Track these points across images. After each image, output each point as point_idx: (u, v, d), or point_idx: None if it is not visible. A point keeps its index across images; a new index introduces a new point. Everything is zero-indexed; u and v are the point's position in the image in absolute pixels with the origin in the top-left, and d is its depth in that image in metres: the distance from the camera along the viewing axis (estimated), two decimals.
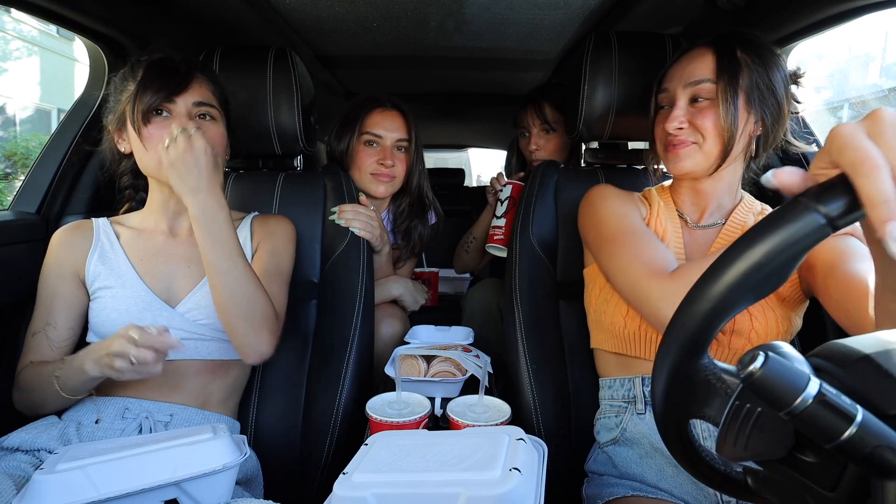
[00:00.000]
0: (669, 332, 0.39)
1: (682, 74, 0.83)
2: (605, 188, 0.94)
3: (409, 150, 1.31)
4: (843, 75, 6.82)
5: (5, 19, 9.02)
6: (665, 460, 0.79)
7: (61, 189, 1.13)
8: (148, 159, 0.83)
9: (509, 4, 1.14)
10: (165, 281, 0.88)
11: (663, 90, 0.87)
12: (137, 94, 0.81)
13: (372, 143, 1.30)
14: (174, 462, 0.66)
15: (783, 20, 1.02)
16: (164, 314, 0.85)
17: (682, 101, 0.82)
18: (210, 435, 0.71)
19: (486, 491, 0.51)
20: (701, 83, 0.80)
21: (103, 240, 0.89)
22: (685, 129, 0.81)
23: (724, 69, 0.78)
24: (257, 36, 1.33)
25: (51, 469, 0.63)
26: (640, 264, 0.78)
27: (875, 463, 0.29)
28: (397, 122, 1.31)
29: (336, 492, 0.55)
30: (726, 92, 0.78)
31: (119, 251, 0.88)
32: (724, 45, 0.81)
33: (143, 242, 0.90)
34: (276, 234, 0.98)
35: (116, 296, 0.85)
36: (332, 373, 0.99)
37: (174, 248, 0.90)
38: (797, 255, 0.34)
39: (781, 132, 0.82)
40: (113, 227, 0.92)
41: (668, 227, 0.88)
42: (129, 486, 0.63)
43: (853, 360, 0.33)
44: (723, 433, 0.36)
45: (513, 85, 1.88)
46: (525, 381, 0.95)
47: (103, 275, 0.86)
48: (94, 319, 0.86)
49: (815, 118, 1.12)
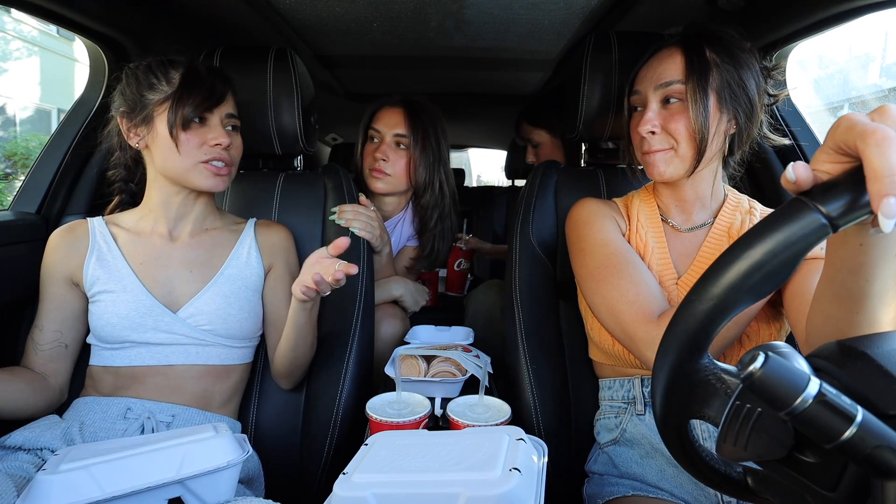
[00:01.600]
0: (669, 332, 0.39)
1: (652, 76, 0.81)
2: (584, 208, 0.90)
3: (409, 146, 1.32)
4: (843, 75, 6.82)
5: (5, 19, 9.01)
6: (665, 460, 0.79)
7: (61, 189, 1.13)
8: (178, 162, 0.84)
9: (509, 4, 1.14)
10: (167, 286, 0.88)
11: (635, 92, 0.85)
12: (177, 101, 0.82)
13: (374, 137, 1.34)
14: (178, 460, 0.66)
15: (783, 20, 1.02)
16: (165, 319, 0.85)
17: (654, 104, 0.81)
18: (212, 433, 0.71)
19: (486, 491, 0.51)
20: (671, 84, 0.79)
21: (100, 242, 0.89)
22: (658, 133, 0.80)
23: (694, 69, 0.77)
24: (257, 36, 1.33)
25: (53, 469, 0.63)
26: (627, 305, 0.76)
27: (875, 463, 0.29)
28: (397, 117, 1.32)
29: (336, 492, 0.55)
30: (696, 93, 0.76)
31: (118, 254, 0.88)
32: (692, 45, 0.79)
33: (142, 246, 0.89)
34: (286, 248, 1.00)
35: (117, 300, 0.84)
36: (332, 373, 0.99)
37: (173, 252, 0.90)
38: (797, 254, 0.34)
39: (756, 129, 0.81)
40: (109, 227, 0.91)
41: (648, 240, 0.86)
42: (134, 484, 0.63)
43: (853, 360, 0.33)
44: (723, 433, 0.36)
45: (513, 85, 1.87)
46: (525, 381, 0.95)
47: (103, 278, 0.86)
48: (95, 323, 0.86)
49: (815, 118, 1.13)
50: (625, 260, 0.81)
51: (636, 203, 0.91)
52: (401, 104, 1.34)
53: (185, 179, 0.86)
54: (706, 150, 0.78)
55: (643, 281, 0.78)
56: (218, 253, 0.93)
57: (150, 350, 0.85)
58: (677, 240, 0.87)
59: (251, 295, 0.92)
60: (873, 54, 6.78)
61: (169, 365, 0.86)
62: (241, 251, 0.94)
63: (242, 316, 0.90)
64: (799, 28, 1.01)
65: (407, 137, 1.32)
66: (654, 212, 0.89)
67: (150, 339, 0.85)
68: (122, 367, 0.85)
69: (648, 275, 0.81)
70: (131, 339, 0.84)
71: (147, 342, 0.85)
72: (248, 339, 0.93)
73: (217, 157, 0.86)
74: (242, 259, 0.93)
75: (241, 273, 0.92)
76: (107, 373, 0.86)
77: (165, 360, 0.86)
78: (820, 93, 5.77)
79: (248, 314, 0.91)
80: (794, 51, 1.10)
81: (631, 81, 0.87)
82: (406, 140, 1.32)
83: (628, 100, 0.87)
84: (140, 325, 0.84)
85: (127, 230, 0.91)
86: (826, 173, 0.36)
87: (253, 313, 0.92)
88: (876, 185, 0.32)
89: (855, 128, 0.34)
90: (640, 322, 0.74)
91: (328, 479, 0.95)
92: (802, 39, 1.05)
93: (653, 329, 0.73)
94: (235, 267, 0.92)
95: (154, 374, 0.86)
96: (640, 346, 0.74)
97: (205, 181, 0.86)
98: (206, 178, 0.86)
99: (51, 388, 0.86)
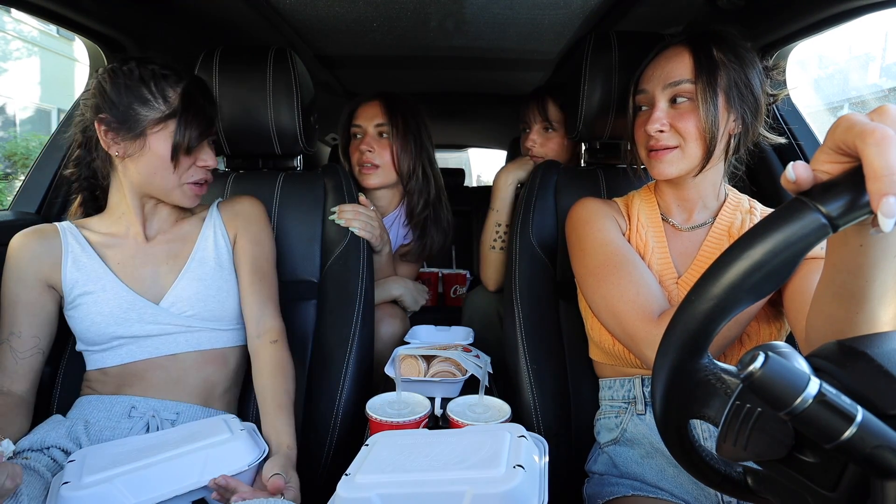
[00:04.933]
0: (669, 332, 0.39)
1: (660, 75, 0.81)
2: (585, 208, 0.90)
3: (391, 134, 1.34)
4: (843, 75, 6.82)
5: (5, 19, 9.01)
6: (666, 460, 0.79)
7: (61, 189, 1.13)
8: (167, 181, 0.84)
9: (509, 4, 1.14)
10: (146, 282, 0.87)
11: (641, 91, 0.84)
12: (184, 125, 0.82)
13: (357, 134, 1.37)
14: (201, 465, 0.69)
15: (783, 20, 1.02)
16: (149, 311, 0.85)
17: (662, 103, 0.80)
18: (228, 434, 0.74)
19: (491, 488, 0.51)
20: (680, 84, 0.78)
21: (73, 244, 0.86)
22: (666, 132, 0.80)
23: (703, 69, 0.77)
24: (257, 36, 1.33)
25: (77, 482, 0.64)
26: (627, 304, 0.76)
27: (875, 463, 0.29)
28: (375, 109, 1.35)
29: (339, 493, 0.55)
30: (706, 92, 0.76)
31: (93, 255, 0.86)
32: (700, 44, 0.79)
33: (118, 248, 0.88)
34: (251, 218, 0.97)
35: (98, 300, 0.83)
36: (332, 373, 0.99)
37: (150, 251, 0.89)
38: (797, 254, 0.34)
39: (760, 128, 0.81)
40: (80, 231, 0.88)
41: (648, 240, 0.86)
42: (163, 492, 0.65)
43: (853, 360, 0.34)
44: (723, 433, 0.36)
45: (513, 85, 1.88)
46: (525, 381, 0.95)
47: (81, 281, 0.84)
48: (79, 326, 0.84)
49: (814, 118, 1.13)
50: (625, 259, 0.81)
51: (637, 202, 0.91)
52: (377, 97, 1.37)
53: (165, 195, 0.86)
54: (714, 150, 0.78)
55: (643, 280, 0.78)
56: (189, 240, 0.92)
57: (139, 344, 0.85)
58: (678, 239, 0.87)
59: (226, 273, 0.92)
60: (873, 54, 6.78)
61: (167, 355, 0.86)
62: (208, 232, 0.94)
63: (221, 296, 0.90)
64: (799, 28, 1.01)
65: (387, 126, 1.34)
66: (654, 211, 0.89)
67: (138, 332, 0.84)
68: (116, 366, 0.85)
69: (648, 274, 0.81)
70: (118, 335, 0.84)
71: (135, 335, 0.84)
72: (235, 319, 0.93)
73: (203, 178, 0.89)
74: (210, 240, 0.93)
75: (210, 254, 0.92)
76: (104, 375, 0.86)
77: (157, 351, 0.85)
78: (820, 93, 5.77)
79: (226, 293, 0.91)
80: (794, 51, 1.10)
81: (636, 80, 0.86)
82: (387, 128, 1.34)
83: (633, 99, 0.87)
84: (125, 320, 0.83)
85: (100, 234, 0.89)
86: (826, 173, 0.36)
87: (231, 293, 0.92)
88: (875, 185, 0.32)
89: (854, 127, 0.35)
90: (641, 321, 0.74)
91: (328, 479, 0.95)
92: (802, 39, 1.05)
93: (653, 328, 0.73)
94: (205, 249, 0.92)
95: (154, 368, 0.85)
96: (641, 345, 0.74)
97: (186, 199, 0.88)
98: (188, 197, 0.88)
99: (26, 402, 0.83)
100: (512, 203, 1.34)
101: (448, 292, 1.83)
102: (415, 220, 1.40)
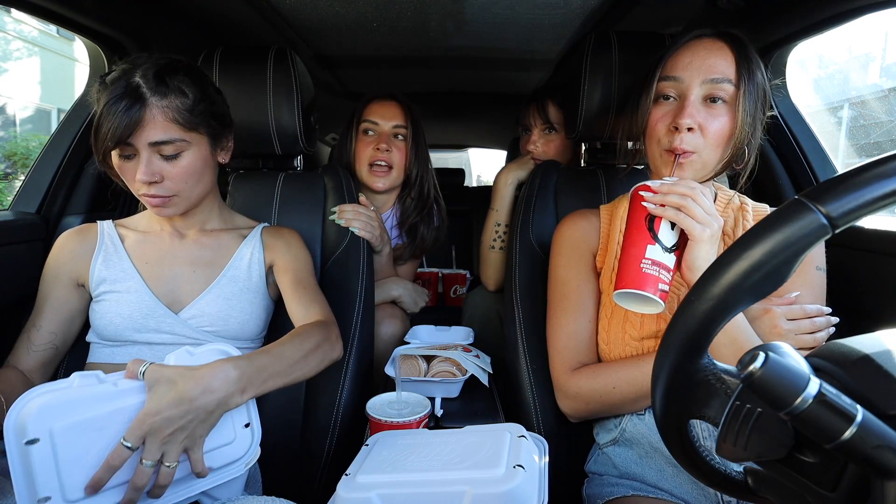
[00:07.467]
0: (669, 332, 0.39)
1: (700, 66, 0.73)
2: (561, 234, 0.90)
3: (407, 138, 1.32)
4: (843, 75, 6.82)
5: (5, 19, 9.01)
6: (665, 460, 0.79)
7: (61, 189, 1.13)
8: None
9: (509, 4, 1.14)
10: (170, 285, 0.88)
11: (672, 78, 0.76)
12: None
13: (369, 130, 1.33)
14: None
15: (783, 20, 1.02)
16: (167, 321, 0.85)
17: (698, 97, 0.74)
18: None
19: (491, 488, 0.51)
20: (722, 82, 0.72)
21: (107, 243, 0.89)
22: (695, 130, 0.73)
23: (744, 70, 0.71)
24: (257, 36, 1.33)
25: None
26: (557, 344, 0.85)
27: (875, 463, 0.29)
28: (394, 109, 1.33)
29: (340, 493, 0.56)
30: (746, 97, 0.71)
31: (123, 254, 0.88)
32: (739, 44, 0.74)
33: (149, 245, 0.90)
34: (291, 243, 0.99)
35: (120, 300, 0.85)
36: (333, 373, 0.99)
37: (180, 251, 0.90)
38: (797, 255, 0.34)
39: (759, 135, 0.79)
40: (118, 230, 0.91)
41: None
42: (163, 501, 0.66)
43: (853, 360, 0.34)
44: (723, 433, 0.36)
45: (513, 85, 1.88)
46: (525, 381, 0.95)
47: (108, 279, 0.86)
48: (98, 321, 0.86)
49: (814, 118, 1.13)
50: (572, 305, 0.86)
51: (623, 205, 0.88)
52: (392, 97, 1.35)
53: None
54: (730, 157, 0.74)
55: (578, 329, 0.84)
56: (222, 253, 0.93)
57: (151, 349, 0.85)
58: None
59: (253, 297, 0.92)
60: (873, 54, 6.78)
61: None
62: (245, 251, 0.94)
63: (244, 318, 0.90)
64: (799, 28, 1.01)
65: (406, 128, 1.32)
66: None
67: (152, 340, 0.85)
68: (122, 363, 0.85)
69: (587, 324, 0.85)
70: (133, 339, 0.85)
71: (149, 342, 0.85)
72: (251, 339, 0.93)
73: (149, 194, 0.80)
74: (245, 259, 0.93)
75: (242, 274, 0.92)
76: (107, 370, 0.86)
77: None
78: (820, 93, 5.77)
79: (249, 316, 0.91)
80: (794, 51, 1.10)
81: (663, 65, 0.77)
82: (404, 131, 1.33)
83: (656, 84, 0.77)
84: (142, 326, 0.84)
85: (136, 231, 0.92)
86: None
87: (255, 315, 0.92)
88: None
89: None
90: (561, 367, 0.83)
91: (328, 479, 0.95)
92: (802, 39, 1.05)
93: (568, 378, 0.81)
94: (237, 268, 0.92)
95: None
96: (557, 391, 0.84)
97: (153, 210, 0.84)
98: (151, 208, 0.84)
99: None
100: (512, 203, 1.34)
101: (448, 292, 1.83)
102: (406, 225, 1.40)
